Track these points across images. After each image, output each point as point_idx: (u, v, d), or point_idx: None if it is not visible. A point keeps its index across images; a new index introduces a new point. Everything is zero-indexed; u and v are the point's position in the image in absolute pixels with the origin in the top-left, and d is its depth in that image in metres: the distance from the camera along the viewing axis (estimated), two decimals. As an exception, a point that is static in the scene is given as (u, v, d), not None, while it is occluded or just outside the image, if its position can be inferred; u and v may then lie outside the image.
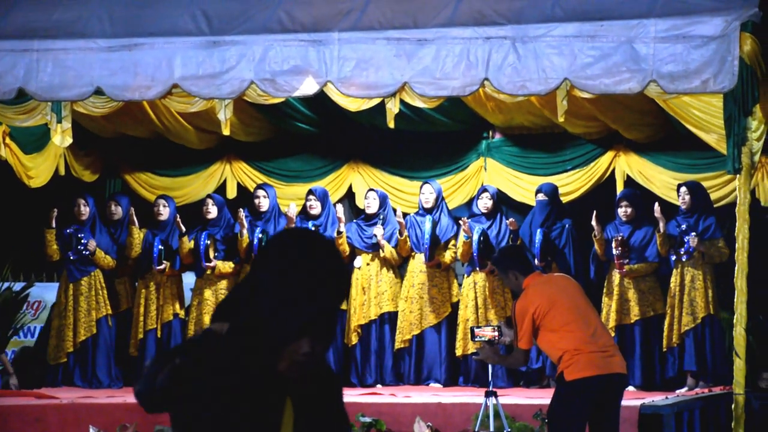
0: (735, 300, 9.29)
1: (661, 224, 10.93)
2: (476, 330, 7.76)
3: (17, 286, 12.50)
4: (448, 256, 11.60)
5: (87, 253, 11.73)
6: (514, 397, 9.72)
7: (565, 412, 7.11)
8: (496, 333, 7.71)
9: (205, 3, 9.56)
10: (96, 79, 9.61)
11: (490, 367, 8.38)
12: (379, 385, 11.55)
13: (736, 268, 9.34)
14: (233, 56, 9.46)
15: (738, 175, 9.11)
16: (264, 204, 11.87)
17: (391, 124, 9.64)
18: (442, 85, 9.30)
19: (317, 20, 9.40)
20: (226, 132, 10.05)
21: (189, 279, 12.24)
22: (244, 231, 11.66)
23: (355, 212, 12.53)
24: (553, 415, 7.19)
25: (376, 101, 9.92)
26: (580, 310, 7.33)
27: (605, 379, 7.14)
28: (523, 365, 7.50)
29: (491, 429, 8.38)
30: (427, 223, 11.46)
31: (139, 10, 9.66)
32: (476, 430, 8.44)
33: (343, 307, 11.74)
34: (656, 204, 11.00)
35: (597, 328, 7.37)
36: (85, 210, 11.90)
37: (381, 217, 11.68)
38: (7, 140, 11.91)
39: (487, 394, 8.35)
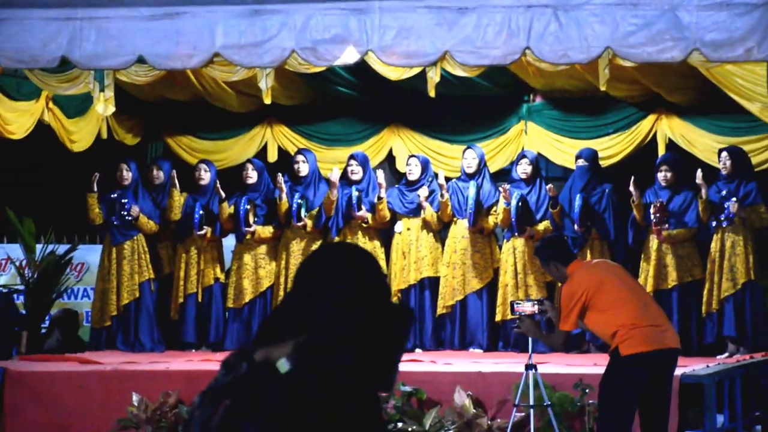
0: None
1: (703, 190, 10.89)
2: (516, 305, 7.77)
3: (61, 249, 12.64)
4: (490, 221, 11.62)
5: (130, 218, 11.82)
6: (553, 365, 9.74)
7: (619, 387, 7.13)
8: (536, 308, 7.72)
9: (246, -29, 9.56)
10: (138, 48, 9.64)
11: (530, 338, 8.40)
12: (418, 350, 11.62)
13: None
14: (274, 25, 9.45)
15: (781, 144, 9.06)
16: (303, 169, 11.91)
17: (432, 93, 9.63)
18: (483, 54, 9.27)
19: (358, -12, 9.38)
20: (267, 101, 10.06)
21: (229, 242, 12.32)
22: (284, 196, 11.71)
23: (395, 176, 12.55)
24: (606, 389, 7.19)
25: (416, 70, 9.91)
26: (629, 287, 7.36)
27: (660, 354, 7.16)
28: (561, 347, 7.49)
29: (531, 402, 8.42)
30: (471, 188, 11.46)
31: (181, -22, 9.66)
32: (516, 402, 8.48)
33: (384, 271, 11.81)
34: (698, 170, 10.96)
35: (648, 303, 7.41)
36: (128, 175, 11.98)
37: (429, 179, 11.69)
38: (51, 105, 11.98)
39: (527, 367, 8.38)
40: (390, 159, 12.68)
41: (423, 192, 11.60)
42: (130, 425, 9.52)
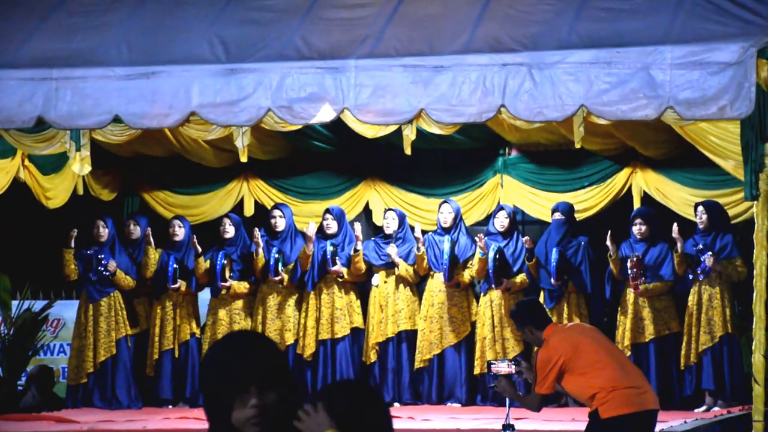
0: (754, 326, 9.28)
1: (679, 244, 10.95)
2: (492, 365, 7.77)
3: (37, 305, 12.59)
4: (467, 275, 11.63)
5: (108, 274, 11.80)
6: (532, 421, 9.72)
7: None
8: (512, 368, 7.72)
9: (222, 30, 9.58)
10: (114, 107, 9.62)
11: (507, 400, 8.38)
12: (396, 404, 11.60)
13: (754, 294, 9.33)
14: (250, 84, 9.46)
15: (756, 202, 9.10)
16: (280, 224, 11.92)
17: (408, 151, 9.67)
18: (459, 112, 9.29)
19: (333, 47, 9.41)
20: (243, 159, 10.08)
21: (205, 296, 12.30)
22: (260, 251, 11.70)
23: (372, 229, 12.57)
24: None
25: (392, 128, 9.94)
26: (606, 349, 7.37)
27: (641, 416, 7.16)
28: (537, 410, 7.50)
29: (509, 462, 8.40)
30: (446, 243, 11.49)
31: (156, 38, 9.68)
32: (495, 463, 8.46)
33: (361, 325, 11.81)
34: (674, 224, 11.01)
35: (625, 364, 7.41)
36: (104, 231, 11.97)
37: (396, 237, 11.72)
38: (26, 162, 11.97)
39: (504, 428, 8.37)
40: (367, 212, 12.71)
41: (392, 250, 11.62)
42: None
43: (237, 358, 2.93)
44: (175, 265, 11.83)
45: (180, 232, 12.06)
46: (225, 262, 11.77)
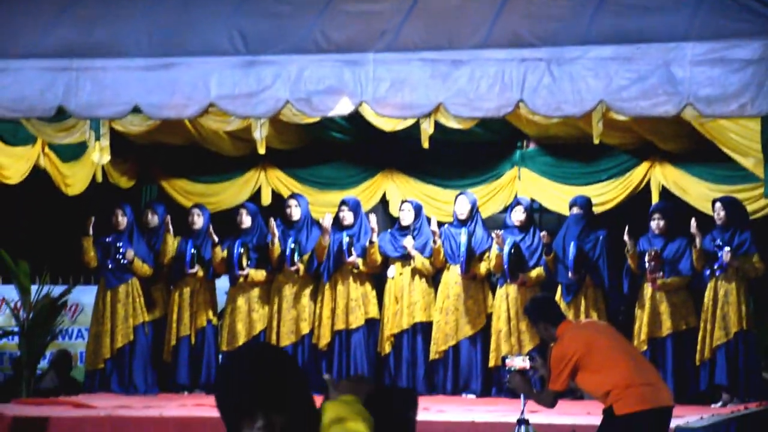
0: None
1: (697, 239, 10.93)
2: (507, 360, 7.78)
3: (56, 290, 12.67)
4: (483, 267, 11.65)
5: (125, 262, 11.85)
6: (546, 414, 9.70)
7: None
8: (527, 363, 7.73)
9: (241, 22, 9.60)
10: (134, 98, 9.66)
11: (522, 395, 8.39)
12: (412, 395, 11.60)
13: (770, 290, 9.33)
14: (269, 76, 9.48)
15: (774, 199, 9.10)
16: (296, 213, 11.94)
17: (426, 144, 9.67)
18: (477, 106, 9.29)
19: (352, 41, 9.42)
20: (261, 151, 10.12)
21: (223, 283, 12.35)
22: (276, 240, 11.74)
23: (389, 220, 12.58)
24: None
25: (410, 121, 9.95)
26: (621, 346, 7.38)
27: (656, 413, 7.18)
28: (551, 407, 7.50)
29: (524, 458, 8.42)
30: (462, 235, 11.50)
31: (176, 29, 9.71)
32: (509, 458, 8.48)
33: (376, 316, 11.84)
34: (693, 220, 10.99)
35: (640, 361, 7.44)
36: (123, 219, 12.01)
37: (413, 228, 11.73)
38: (46, 149, 12.02)
39: (519, 422, 8.38)
40: (384, 203, 12.72)
41: (408, 242, 11.63)
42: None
43: (243, 381, 2.91)
44: (192, 251, 11.89)
45: (199, 221, 12.10)
46: (242, 250, 11.80)
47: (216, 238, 11.86)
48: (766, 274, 11.02)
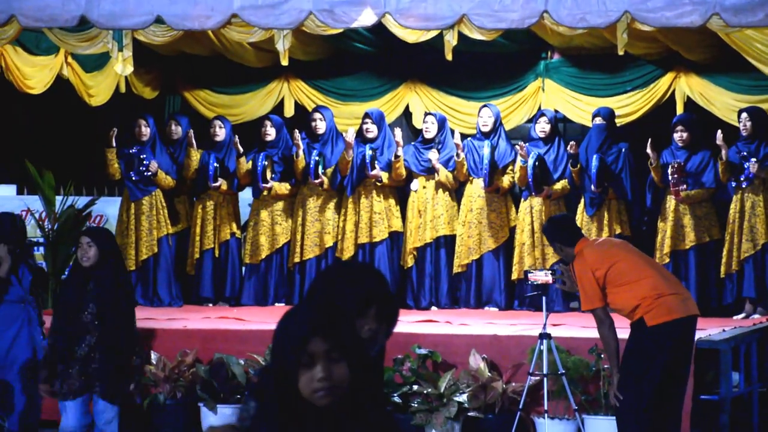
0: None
1: (723, 151, 10.86)
2: (530, 274, 7.80)
3: (80, 202, 12.71)
4: (506, 180, 11.62)
5: (149, 174, 11.87)
6: (568, 328, 9.78)
7: (647, 358, 7.16)
8: (549, 278, 7.75)
9: (264, -68, 9.52)
10: (156, 8, 9.64)
11: (544, 308, 8.44)
12: (434, 308, 11.68)
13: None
14: (292, -14, 9.43)
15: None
16: (321, 126, 11.91)
17: (449, 57, 9.61)
18: (501, 18, 9.24)
19: (376, -49, 9.34)
20: (284, 62, 10.06)
21: (245, 196, 12.36)
22: (300, 153, 11.72)
23: (412, 132, 12.54)
24: (633, 361, 7.21)
25: (434, 33, 9.87)
26: (643, 259, 7.39)
27: (685, 322, 7.22)
28: (606, 320, 7.34)
29: (545, 370, 8.47)
30: (485, 148, 11.45)
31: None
32: (531, 371, 8.53)
33: (400, 229, 11.85)
34: (719, 132, 10.92)
35: (665, 273, 7.47)
36: (146, 130, 12.01)
37: (437, 141, 11.70)
38: (69, 59, 11.99)
39: (541, 336, 8.43)
40: (407, 115, 12.66)
41: (433, 155, 11.60)
42: (149, 383, 9.61)
43: (364, 279, 2.92)
44: (215, 164, 11.88)
45: (221, 133, 12.09)
46: (266, 163, 11.80)
47: (241, 149, 11.85)
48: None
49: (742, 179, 10.88)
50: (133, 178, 11.93)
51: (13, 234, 9.02)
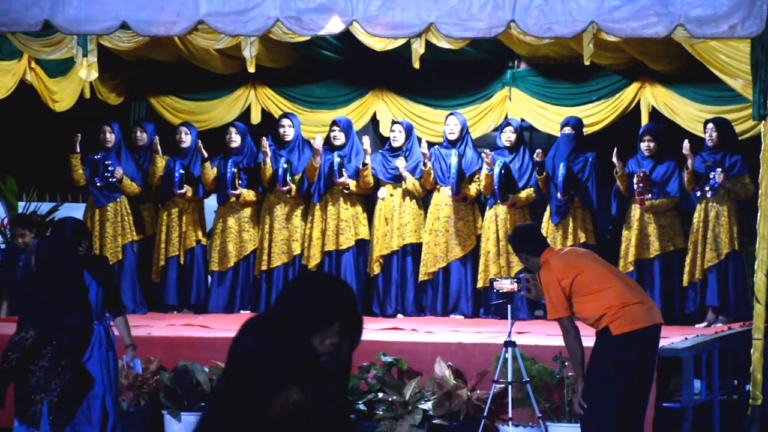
0: (757, 246, 9.32)
1: (689, 161, 10.93)
2: (495, 282, 7.81)
3: (44, 208, 12.64)
4: (473, 189, 11.64)
5: (114, 180, 11.81)
6: (533, 336, 9.81)
7: (612, 366, 7.19)
8: (515, 286, 7.76)
9: (231, -62, 9.49)
10: (122, 13, 9.58)
11: (509, 316, 8.46)
12: (400, 315, 11.67)
13: (758, 214, 9.35)
14: (259, -7, 9.40)
15: (763, 122, 9.08)
16: (289, 133, 11.90)
17: (416, 65, 9.61)
18: (468, 26, 9.25)
19: (343, -42, 9.32)
20: (251, 69, 10.04)
21: (211, 203, 12.32)
22: (267, 160, 11.70)
23: (379, 140, 12.54)
24: (598, 370, 7.23)
25: (401, 41, 9.87)
26: (607, 269, 7.42)
27: (650, 331, 7.26)
28: (572, 330, 7.36)
29: (509, 378, 8.48)
30: (453, 156, 11.47)
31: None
32: (495, 378, 8.54)
33: (366, 236, 11.85)
34: (686, 141, 10.98)
35: (629, 281, 7.50)
36: (111, 137, 11.96)
37: (404, 149, 11.71)
38: (33, 64, 11.92)
39: (506, 344, 8.44)
40: (374, 123, 12.66)
41: (401, 163, 11.61)
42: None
43: (331, 293, 3.03)
44: (181, 171, 11.84)
45: (187, 139, 12.06)
46: (235, 170, 11.76)
47: (205, 154, 11.81)
48: (756, 196, 11.01)
49: (706, 189, 10.95)
50: (98, 185, 11.87)
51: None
